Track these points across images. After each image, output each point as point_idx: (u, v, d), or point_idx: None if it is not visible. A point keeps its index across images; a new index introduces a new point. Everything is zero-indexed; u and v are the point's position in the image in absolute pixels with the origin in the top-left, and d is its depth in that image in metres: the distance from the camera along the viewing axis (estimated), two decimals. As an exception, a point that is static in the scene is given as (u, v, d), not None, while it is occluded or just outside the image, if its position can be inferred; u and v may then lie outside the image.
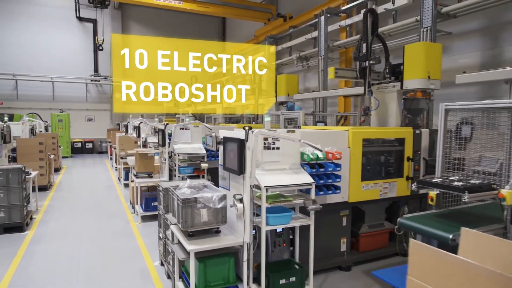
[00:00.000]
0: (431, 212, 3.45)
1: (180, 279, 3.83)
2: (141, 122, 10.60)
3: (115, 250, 5.45)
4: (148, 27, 21.31)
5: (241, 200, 3.38)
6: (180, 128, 6.88)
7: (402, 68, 4.96)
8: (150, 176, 7.20)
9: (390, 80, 5.26)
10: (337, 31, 11.28)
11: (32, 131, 10.76)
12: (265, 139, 3.68)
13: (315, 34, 11.79)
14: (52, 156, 10.46)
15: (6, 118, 9.74)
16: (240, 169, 3.32)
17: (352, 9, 10.67)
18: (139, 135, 10.20)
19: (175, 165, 6.52)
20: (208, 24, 22.28)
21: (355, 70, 5.18)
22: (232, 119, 12.68)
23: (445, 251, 1.71)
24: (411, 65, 4.92)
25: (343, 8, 10.75)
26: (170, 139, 6.52)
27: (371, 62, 4.68)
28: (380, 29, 9.22)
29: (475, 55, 8.15)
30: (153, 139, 8.83)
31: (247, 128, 3.28)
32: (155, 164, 7.62)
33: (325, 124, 8.50)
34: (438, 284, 1.66)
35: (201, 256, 3.36)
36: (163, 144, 6.75)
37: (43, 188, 9.32)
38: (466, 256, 1.65)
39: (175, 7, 13.98)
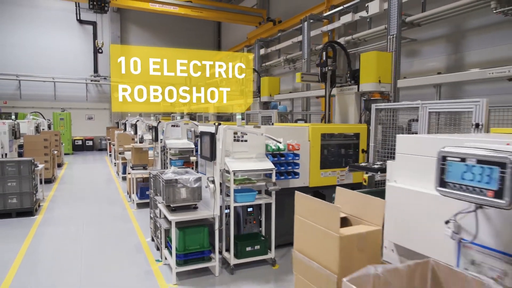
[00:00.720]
0: (364, 190, 4.30)
1: (166, 248, 4.69)
2: (137, 120, 11.43)
3: (113, 230, 6.31)
4: (146, 29, 22.17)
5: (213, 182, 4.24)
6: (172, 125, 7.73)
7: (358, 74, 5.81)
8: (145, 168, 8.06)
9: (350, 84, 6.11)
10: (320, 35, 12.11)
11: (37, 128, 11.60)
12: (235, 133, 4.55)
13: (300, 38, 12.63)
14: (55, 152, 11.31)
15: (13, 117, 10.59)
16: (212, 156, 4.19)
17: (333, 15, 11.50)
18: (136, 132, 11.04)
19: (167, 158, 7.37)
20: (205, 26, 23.08)
21: (317, 74, 5.97)
22: (223, 117, 13.54)
23: (312, 197, 2.65)
24: (365, 71, 5.78)
25: (325, 14, 11.59)
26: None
27: (329, 68, 5.51)
28: (355, 35, 10.22)
29: (441, 59, 8.98)
30: (148, 136, 9.68)
31: (217, 123, 4.14)
32: (149, 158, 8.49)
33: (305, 122, 9.34)
34: (307, 216, 2.60)
35: (181, 226, 4.22)
36: (156, 140, 7.61)
37: (48, 181, 10.17)
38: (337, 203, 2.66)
39: (170, 12, 14.82)
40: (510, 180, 1.55)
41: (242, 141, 4.58)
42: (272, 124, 7.35)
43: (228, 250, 4.54)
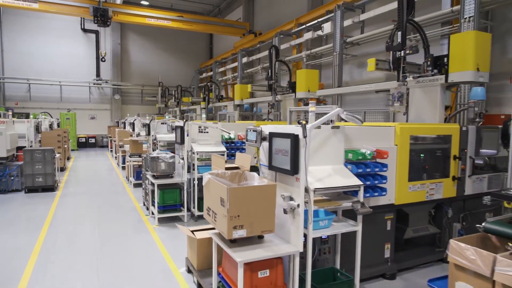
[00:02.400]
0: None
1: (152, 205, 6.86)
2: (135, 119, 13.59)
3: (116, 200, 8.49)
4: (145, 37, 24.33)
5: (183, 159, 6.42)
6: (161, 123, 9.89)
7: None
8: (140, 156, 10.23)
9: (289, 92, 8.27)
10: (290, 48, 14.28)
11: (50, 126, 13.77)
12: (199, 126, 6.73)
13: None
14: (66, 146, 13.48)
15: (31, 116, 12.74)
16: (181, 142, 6.37)
17: (301, 31, 13.68)
18: (133, 129, 13.20)
19: (157, 149, 9.53)
20: (199, 35, 25.19)
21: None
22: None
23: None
24: (300, 83, 7.94)
25: (293, 31, 13.78)
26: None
27: (273, 81, 7.65)
28: (313, 50, 12.42)
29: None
30: (143, 132, 11.85)
31: (185, 120, 6.31)
32: (143, 149, 10.65)
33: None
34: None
35: (161, 188, 6.40)
36: (149, 134, 9.78)
37: (61, 169, 12.33)
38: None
39: (165, 25, 17.02)
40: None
41: (204, 132, 6.76)
42: (235, 121, 9.55)
43: (194, 207, 6.72)
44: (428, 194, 4.51)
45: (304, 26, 13.05)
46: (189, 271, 4.42)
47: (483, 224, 2.82)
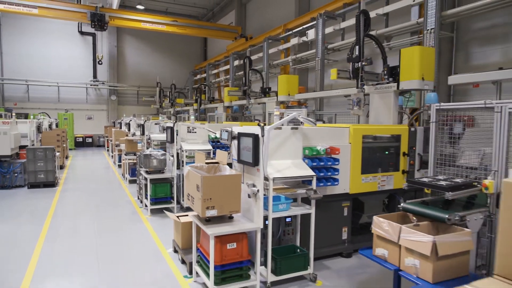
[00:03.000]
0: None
1: (145, 198, 7.59)
2: (130, 120, 14.30)
3: (112, 195, 9.20)
4: (140, 39, 25.00)
5: (173, 156, 7.15)
6: (155, 123, 10.61)
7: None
8: (135, 155, 10.94)
9: (262, 97, 9.02)
10: (278, 52, 15.03)
11: (50, 126, 14.44)
12: (188, 127, 7.46)
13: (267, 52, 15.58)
14: (64, 145, 14.16)
15: (31, 117, 13.40)
16: (172, 141, 7.10)
17: (288, 37, 14.44)
18: (129, 129, 13.91)
19: (151, 147, 10.24)
20: (193, 37, 25.88)
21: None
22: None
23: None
24: (282, 87, 8.70)
25: (280, 36, 14.54)
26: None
27: (247, 86, 8.39)
28: (299, 55, 13.17)
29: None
30: (138, 132, 12.56)
31: (174, 121, 7.05)
32: (138, 148, 11.36)
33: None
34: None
35: (153, 182, 7.13)
36: (143, 134, 10.49)
37: (60, 167, 13.01)
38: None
39: (159, 29, 17.73)
40: None
41: (193, 132, 7.50)
42: (222, 122, 10.28)
43: (183, 199, 7.44)
44: (380, 185, 5.19)
45: (291, 32, 13.81)
46: (175, 251, 5.16)
47: (401, 204, 3.59)
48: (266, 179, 3.84)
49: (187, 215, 4.96)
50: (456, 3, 8.97)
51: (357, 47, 5.53)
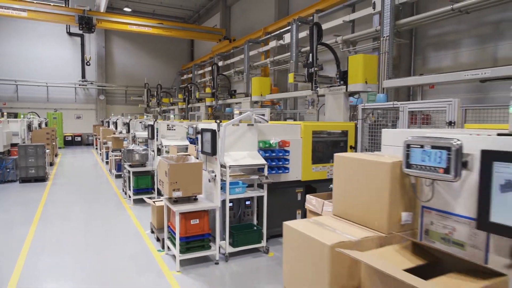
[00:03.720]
0: None
1: (129, 190, 8.35)
2: (117, 119, 14.99)
3: (99, 188, 9.93)
4: (128, 40, 25.58)
5: (153, 151, 7.92)
6: (139, 122, 11.36)
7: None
8: (121, 151, 11.65)
9: (227, 98, 9.83)
10: (258, 54, 15.85)
11: (39, 125, 15.05)
12: (168, 125, 8.24)
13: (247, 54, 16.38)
14: (54, 143, 14.78)
15: (22, 116, 14.00)
16: (152, 137, 7.87)
17: (267, 39, 15.26)
18: (116, 128, 14.60)
19: (136, 144, 10.97)
20: (181, 38, 26.55)
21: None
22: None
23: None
24: (255, 88, 9.51)
25: (261, 39, 15.36)
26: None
27: (218, 85, 9.20)
28: (276, 57, 13.99)
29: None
30: (125, 130, 13.26)
31: (154, 119, 7.82)
32: (124, 145, 12.07)
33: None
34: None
35: (136, 175, 7.89)
36: (128, 131, 11.22)
37: (50, 164, 13.64)
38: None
39: (146, 32, 18.40)
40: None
41: (172, 129, 8.28)
42: (201, 120, 11.09)
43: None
44: (329, 174, 6.02)
45: (270, 35, 14.64)
46: (152, 231, 5.95)
47: (330, 186, 4.44)
48: (224, 166, 4.65)
49: (162, 201, 5.76)
50: (415, 11, 9.92)
51: (310, 54, 6.37)
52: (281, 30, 13.63)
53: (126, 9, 22.27)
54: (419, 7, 9.89)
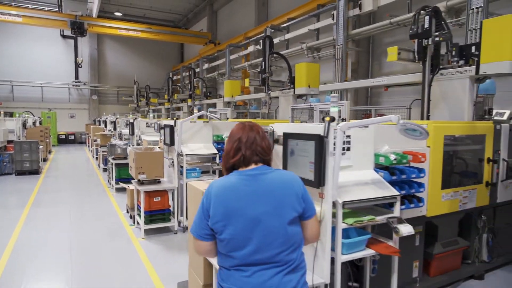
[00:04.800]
0: None
1: (112, 180, 9.45)
2: (106, 118, 16.07)
3: (87, 180, 11.03)
4: (120, 42, 26.61)
5: (133, 145, 9.03)
6: (125, 120, 12.44)
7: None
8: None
9: (205, 99, 10.97)
10: (239, 57, 16.98)
11: (34, 123, 16.11)
12: (147, 122, 9.34)
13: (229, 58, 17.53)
14: (47, 141, 15.82)
15: (17, 115, 15.04)
16: (132, 133, 8.98)
17: (247, 44, 16.38)
18: (105, 126, 15.68)
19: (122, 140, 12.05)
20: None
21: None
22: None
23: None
24: (227, 89, 10.67)
25: (241, 43, 16.49)
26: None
27: (194, 87, 10.33)
28: (253, 61, 15.12)
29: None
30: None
31: (133, 118, 8.94)
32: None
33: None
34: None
35: (118, 166, 9.00)
36: (115, 129, 12.32)
37: (44, 160, 14.70)
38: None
39: (135, 36, 19.51)
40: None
41: (151, 126, 9.38)
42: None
43: (144, 181, 9.32)
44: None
45: (249, 40, 15.78)
46: (127, 211, 7.07)
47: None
48: (181, 155, 5.78)
49: (135, 185, 6.88)
50: (372, 21, 11.09)
51: (263, 62, 7.51)
52: (258, 36, 14.76)
53: (117, 13, 23.31)
54: (376, 17, 11.07)
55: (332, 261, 2.58)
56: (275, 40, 13.37)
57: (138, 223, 6.14)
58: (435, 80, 4.72)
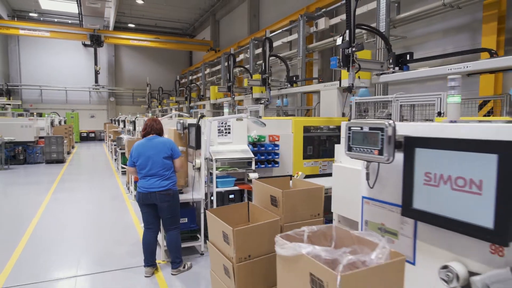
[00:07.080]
0: None
1: (121, 165, 12.04)
2: (119, 118, 18.81)
3: (102, 167, 13.72)
4: (135, 49, 29.46)
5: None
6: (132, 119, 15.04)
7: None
8: (119, 142, 15.40)
9: (199, 100, 13.40)
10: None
11: (60, 122, 19.04)
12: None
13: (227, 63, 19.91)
14: (71, 137, 18.70)
15: (49, 114, 17.97)
16: (134, 129, 11.53)
17: (240, 52, 18.71)
18: (119, 124, 18.41)
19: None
20: (179, 46, 30.36)
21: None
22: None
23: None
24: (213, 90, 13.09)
25: (235, 51, 18.85)
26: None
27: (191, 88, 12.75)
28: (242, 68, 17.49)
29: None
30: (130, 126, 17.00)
31: (134, 118, 11.49)
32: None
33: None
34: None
35: (123, 154, 11.56)
36: (124, 126, 14.95)
37: (68, 153, 17.56)
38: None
39: (145, 45, 22.21)
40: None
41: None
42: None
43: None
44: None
45: (241, 49, 18.15)
46: (126, 185, 9.61)
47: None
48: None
49: (131, 166, 9.40)
50: (335, 33, 13.22)
51: (263, 64, 9.86)
52: (246, 46, 17.10)
53: (130, 25, 26.13)
54: (338, 30, 13.22)
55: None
56: (257, 51, 15.73)
57: (133, 194, 8.65)
58: (322, 89, 7.00)
